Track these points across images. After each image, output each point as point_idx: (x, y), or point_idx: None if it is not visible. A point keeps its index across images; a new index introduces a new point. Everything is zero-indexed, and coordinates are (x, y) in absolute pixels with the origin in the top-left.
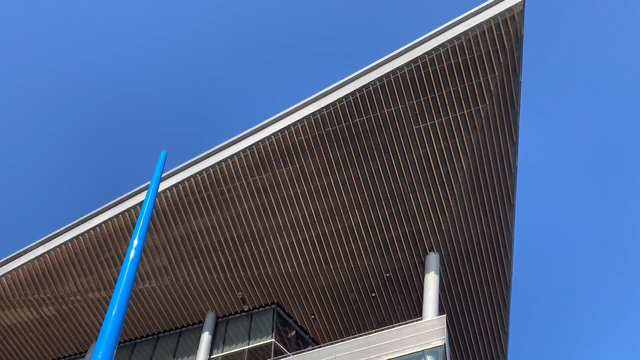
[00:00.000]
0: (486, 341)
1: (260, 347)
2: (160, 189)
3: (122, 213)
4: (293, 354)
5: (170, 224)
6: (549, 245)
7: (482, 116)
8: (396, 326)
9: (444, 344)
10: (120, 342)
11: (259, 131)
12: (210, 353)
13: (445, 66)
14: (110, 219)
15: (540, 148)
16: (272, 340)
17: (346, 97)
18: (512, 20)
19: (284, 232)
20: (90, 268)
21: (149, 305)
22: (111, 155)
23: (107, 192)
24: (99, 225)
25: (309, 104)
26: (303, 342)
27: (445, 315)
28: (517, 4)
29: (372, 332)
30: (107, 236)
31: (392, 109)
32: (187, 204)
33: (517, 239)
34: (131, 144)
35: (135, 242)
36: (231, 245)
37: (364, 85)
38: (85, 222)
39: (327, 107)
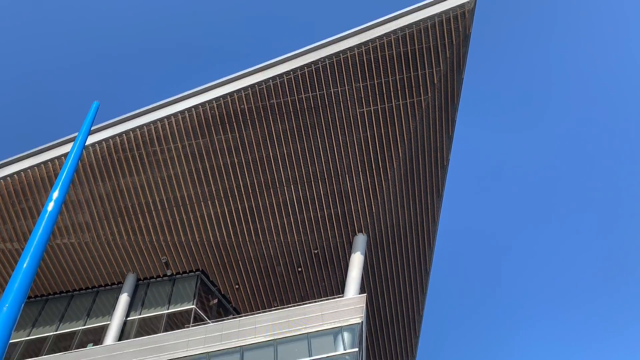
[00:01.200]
0: (402, 322)
1: (180, 312)
2: (89, 142)
3: (45, 162)
4: (213, 322)
5: (96, 179)
6: (470, 238)
7: (423, 107)
8: (317, 301)
9: (362, 322)
10: (30, 297)
11: (200, 94)
12: (127, 315)
13: (394, 53)
14: (31, 167)
15: (473, 145)
16: (193, 306)
17: (294, 70)
18: (462, 17)
19: (215, 200)
20: (3, 217)
21: (66, 261)
22: (42, 103)
23: (30, 140)
24: (18, 172)
25: (255, 73)
26: (224, 310)
27: (365, 294)
28: (468, 2)
29: (293, 306)
30: (25, 185)
31: (338, 89)
32: (116, 160)
33: (441, 229)
34: (65, 94)
35: (56, 194)
36: (159, 208)
37: (313, 61)
38: (2, 167)
39: (273, 78)
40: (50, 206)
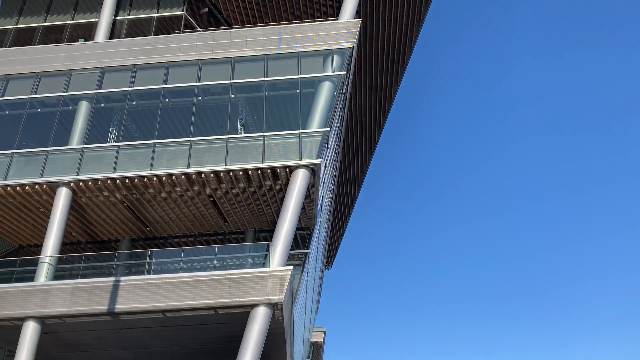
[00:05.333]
0: (392, 51)
1: (170, 17)
2: None
3: None
4: (204, 30)
5: None
6: None
7: None
8: (311, 22)
9: (353, 46)
10: None
11: None
12: (116, 14)
13: None
14: None
15: None
16: (183, 12)
17: None
18: None
19: None
20: None
21: None
22: None
23: None
24: None
25: None
26: (215, 21)
27: (360, 20)
28: None
29: (286, 23)
30: None
31: None
32: None
33: None
34: None
35: None
36: None
37: None
38: None
39: None
40: None
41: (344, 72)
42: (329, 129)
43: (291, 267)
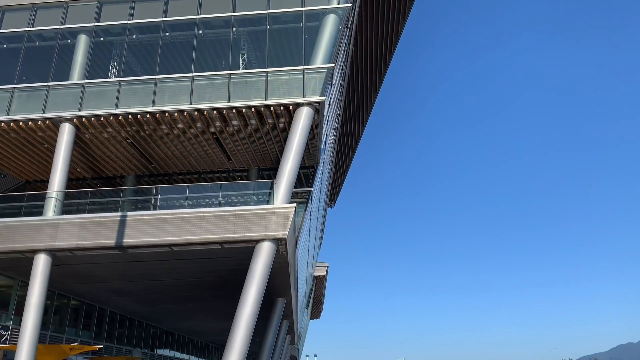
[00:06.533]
0: None
1: None
2: None
3: None
4: None
5: None
6: None
7: None
8: None
9: None
10: None
11: None
12: None
13: None
14: None
15: None
16: None
17: None
18: None
19: None
20: None
21: None
22: None
23: None
24: None
25: None
26: None
27: None
28: None
29: None
30: None
31: None
32: None
33: None
34: None
35: None
36: None
37: None
38: None
39: None
40: None
41: (350, 5)
42: (333, 65)
43: (295, 204)
